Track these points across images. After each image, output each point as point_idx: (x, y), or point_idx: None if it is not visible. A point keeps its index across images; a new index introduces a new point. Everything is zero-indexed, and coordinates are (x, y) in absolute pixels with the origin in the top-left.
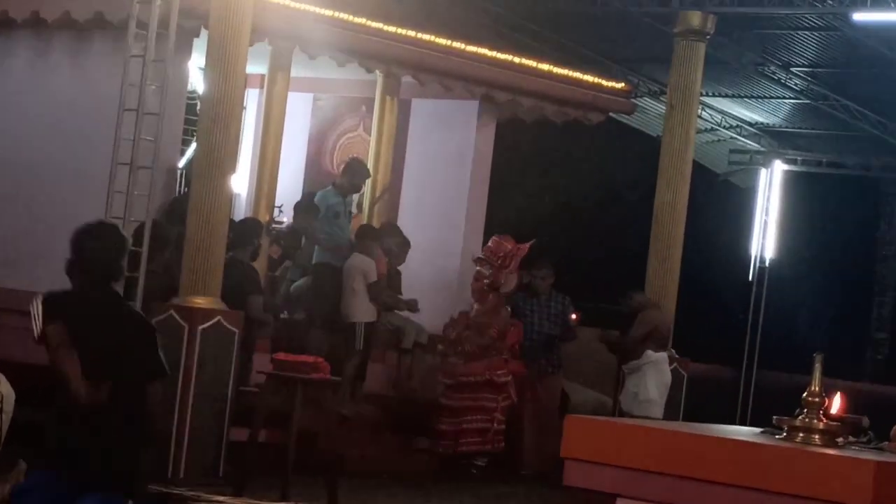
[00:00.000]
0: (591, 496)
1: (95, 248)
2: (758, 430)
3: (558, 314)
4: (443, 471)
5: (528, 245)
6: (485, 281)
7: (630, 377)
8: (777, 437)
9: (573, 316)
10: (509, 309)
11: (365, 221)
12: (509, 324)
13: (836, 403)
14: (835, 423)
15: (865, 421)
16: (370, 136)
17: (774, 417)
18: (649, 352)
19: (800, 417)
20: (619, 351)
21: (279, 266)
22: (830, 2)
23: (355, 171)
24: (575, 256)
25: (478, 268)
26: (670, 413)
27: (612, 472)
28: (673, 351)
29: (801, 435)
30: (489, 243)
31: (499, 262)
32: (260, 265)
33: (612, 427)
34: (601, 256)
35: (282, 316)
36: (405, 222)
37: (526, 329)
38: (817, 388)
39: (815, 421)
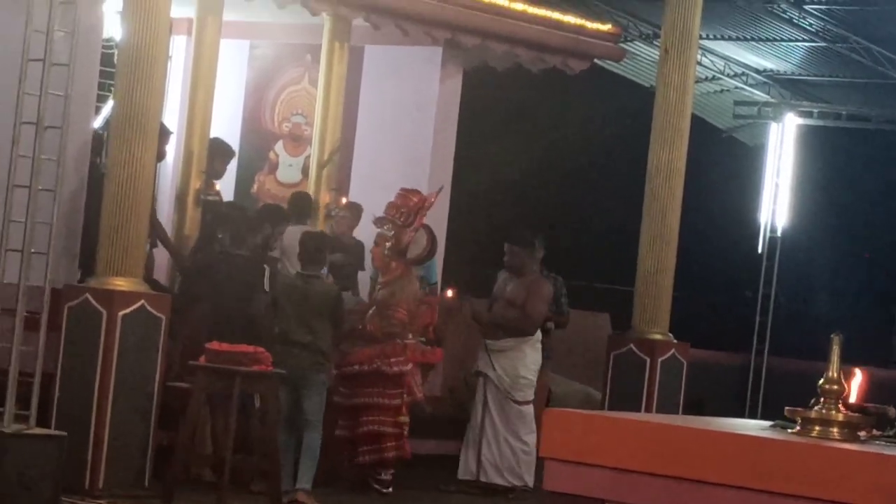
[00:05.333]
0: (575, 502)
1: None
2: (768, 423)
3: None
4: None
5: (435, 194)
6: (386, 244)
7: (505, 355)
8: (790, 430)
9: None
10: (417, 282)
11: (312, 188)
12: (420, 300)
13: (857, 391)
14: (856, 415)
15: (892, 411)
16: (316, 88)
17: (787, 409)
18: None
19: (816, 408)
20: (517, 329)
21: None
22: None
23: (211, 153)
24: (556, 226)
25: (378, 230)
26: (668, 405)
27: (599, 473)
28: (670, 335)
29: (817, 428)
30: (394, 198)
31: (402, 219)
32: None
33: (598, 421)
34: (586, 227)
35: None
36: (358, 188)
37: None
38: (835, 375)
39: (834, 412)
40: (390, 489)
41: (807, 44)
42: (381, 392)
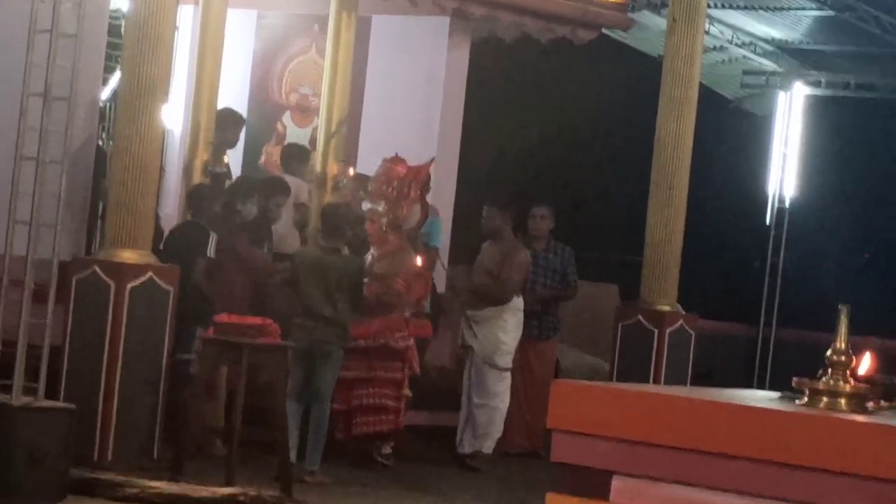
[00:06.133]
0: (583, 473)
1: None
2: (775, 394)
3: (557, 268)
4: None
5: (428, 164)
6: (382, 220)
7: (485, 324)
8: (797, 402)
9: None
10: (413, 254)
11: (320, 159)
12: (415, 272)
13: (866, 362)
14: (864, 386)
15: None
16: (324, 59)
17: (794, 379)
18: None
19: (823, 379)
20: (492, 297)
21: None
22: None
23: (221, 123)
24: (564, 196)
25: (369, 205)
26: (676, 377)
27: (606, 445)
28: (679, 306)
29: (824, 399)
30: (378, 169)
31: (394, 191)
32: None
33: (606, 393)
34: (594, 196)
35: None
36: (365, 159)
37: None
38: (843, 346)
39: (842, 383)
40: (391, 461)
41: (815, 13)
42: (385, 366)
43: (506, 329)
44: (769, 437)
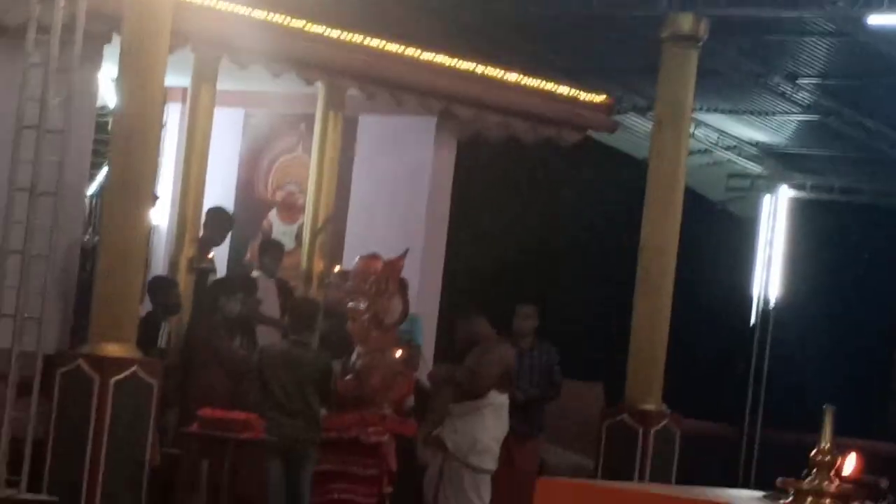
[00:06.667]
0: None
1: None
2: (760, 493)
3: (542, 368)
4: None
5: (402, 256)
6: (364, 317)
7: (462, 419)
8: (782, 502)
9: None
10: (396, 353)
11: (305, 256)
12: (396, 370)
13: (851, 463)
14: (849, 486)
15: (884, 483)
16: (311, 157)
17: (779, 479)
18: (494, 392)
19: (808, 479)
20: (463, 391)
21: None
22: (841, 3)
23: (210, 222)
24: (549, 297)
25: (349, 304)
26: (661, 475)
27: None
28: (663, 405)
29: (809, 499)
30: (354, 267)
31: (372, 288)
32: None
33: (591, 491)
34: (580, 295)
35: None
36: (351, 256)
37: None
38: (828, 446)
39: (826, 483)
40: None
41: (799, 117)
42: (357, 461)
43: (484, 426)
44: None
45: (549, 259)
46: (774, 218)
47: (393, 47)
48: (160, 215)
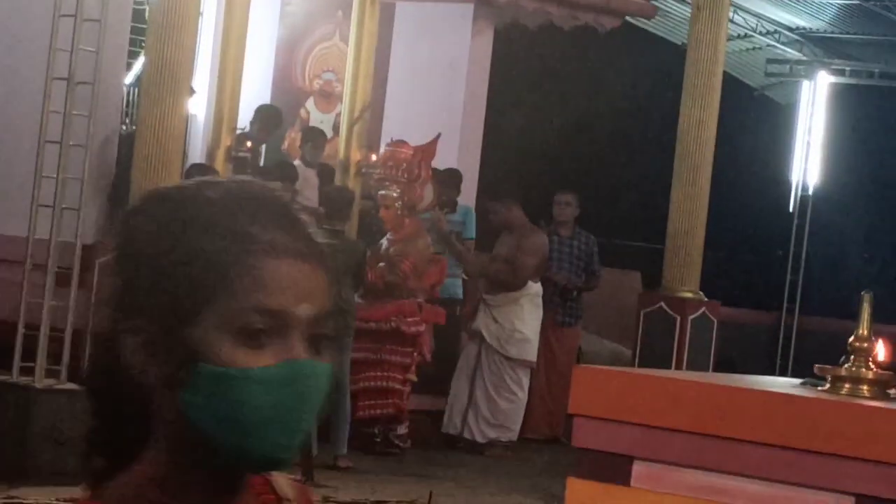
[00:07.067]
0: (604, 459)
1: None
2: (798, 381)
3: (581, 256)
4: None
5: (434, 141)
6: (396, 205)
7: (501, 309)
8: (819, 388)
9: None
10: (429, 239)
11: (343, 145)
12: (429, 257)
13: (882, 349)
14: (887, 372)
15: None
16: (348, 45)
17: (816, 366)
18: (531, 282)
19: (846, 366)
20: (506, 282)
21: None
22: None
23: (261, 119)
24: (587, 184)
25: (381, 192)
26: (698, 363)
27: (628, 430)
28: (701, 293)
29: (847, 386)
30: (383, 154)
31: (404, 175)
32: None
33: (628, 379)
34: (617, 183)
35: None
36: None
37: (545, 274)
38: (866, 332)
39: (864, 369)
40: (408, 443)
41: (840, 1)
42: (395, 350)
43: (521, 317)
44: (791, 423)
45: (587, 146)
46: (813, 104)
47: None
48: (197, 105)
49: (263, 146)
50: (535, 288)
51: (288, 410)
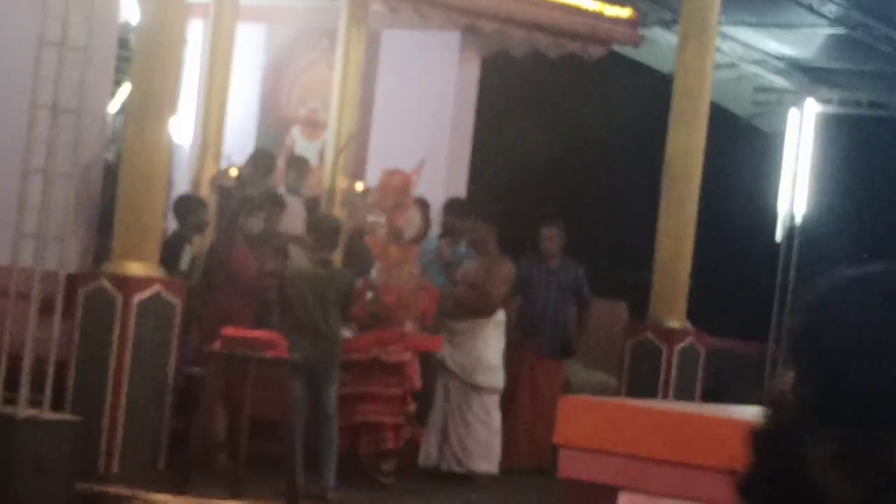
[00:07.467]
0: (589, 489)
1: None
2: None
3: (568, 286)
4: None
5: (418, 169)
6: (381, 231)
7: (465, 336)
8: None
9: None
10: (415, 268)
11: (328, 172)
12: (418, 286)
13: None
14: None
15: None
16: (334, 72)
17: None
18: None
19: None
20: (475, 308)
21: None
22: None
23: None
24: (574, 212)
25: (369, 219)
26: (686, 393)
27: (614, 461)
28: (688, 323)
29: None
30: (378, 182)
31: (391, 203)
32: None
33: (614, 409)
34: (604, 212)
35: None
36: (374, 173)
37: (531, 301)
38: None
39: None
40: (391, 479)
41: (827, 30)
42: (380, 381)
43: (488, 343)
44: None
45: (573, 174)
46: (801, 133)
47: None
48: (183, 132)
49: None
50: (501, 315)
51: None
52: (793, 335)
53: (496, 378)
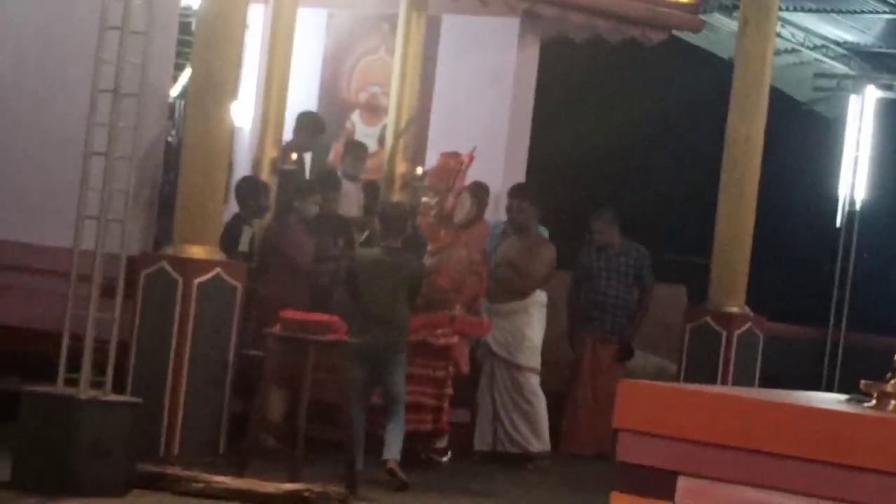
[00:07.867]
0: (648, 473)
1: None
2: (843, 397)
3: (629, 271)
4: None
5: (469, 154)
6: (431, 213)
7: (508, 319)
8: (865, 405)
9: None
10: (465, 251)
11: (388, 157)
12: (469, 270)
13: None
14: None
15: None
16: (393, 58)
17: (863, 382)
18: (539, 291)
19: (892, 382)
20: (516, 289)
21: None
22: None
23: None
24: (632, 198)
25: (423, 199)
26: (744, 379)
27: (672, 445)
28: (747, 308)
29: (893, 402)
30: (435, 164)
31: (443, 185)
32: None
33: (673, 393)
34: (664, 197)
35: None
36: (434, 158)
37: (594, 288)
38: None
39: None
40: (447, 457)
41: (888, 16)
42: (426, 364)
43: (531, 324)
44: (837, 440)
45: (632, 160)
46: (861, 118)
47: None
48: (243, 116)
49: (308, 157)
50: (543, 297)
51: None
52: None
53: (537, 358)
